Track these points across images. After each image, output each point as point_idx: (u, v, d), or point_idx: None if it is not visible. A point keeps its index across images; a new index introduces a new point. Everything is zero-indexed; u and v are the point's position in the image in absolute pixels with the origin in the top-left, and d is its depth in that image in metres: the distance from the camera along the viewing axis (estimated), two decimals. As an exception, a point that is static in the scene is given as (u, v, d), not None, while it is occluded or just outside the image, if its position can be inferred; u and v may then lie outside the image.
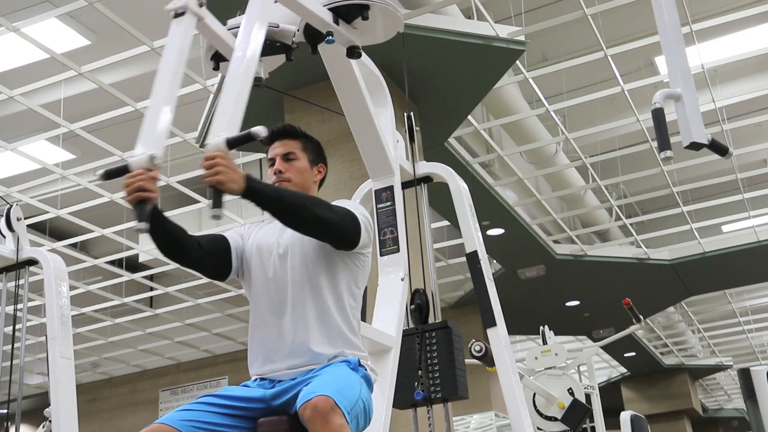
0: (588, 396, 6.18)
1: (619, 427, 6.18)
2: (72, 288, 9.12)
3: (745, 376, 4.48)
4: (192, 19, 2.15)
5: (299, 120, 5.98)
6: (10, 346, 4.05)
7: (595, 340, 12.78)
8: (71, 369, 3.79)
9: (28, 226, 5.69)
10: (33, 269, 4.20)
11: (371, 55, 2.95)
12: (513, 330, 4.43)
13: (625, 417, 6.17)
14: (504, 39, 5.98)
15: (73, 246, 9.61)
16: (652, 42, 6.59)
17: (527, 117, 7.76)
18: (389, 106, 3.24)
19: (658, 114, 2.10)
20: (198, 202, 8.55)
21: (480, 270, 3.36)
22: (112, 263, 9.89)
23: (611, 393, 17.07)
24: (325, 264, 2.21)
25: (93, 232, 8.92)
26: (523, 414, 3.28)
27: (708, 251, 10.67)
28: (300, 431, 1.97)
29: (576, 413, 5.42)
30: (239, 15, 2.43)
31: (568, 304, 12.11)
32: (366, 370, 2.17)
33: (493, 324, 3.32)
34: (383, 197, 3.05)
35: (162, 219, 2.03)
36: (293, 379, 2.10)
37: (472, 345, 3.81)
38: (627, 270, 10.85)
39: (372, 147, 3.00)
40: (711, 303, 14.62)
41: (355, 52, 2.48)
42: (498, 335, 3.31)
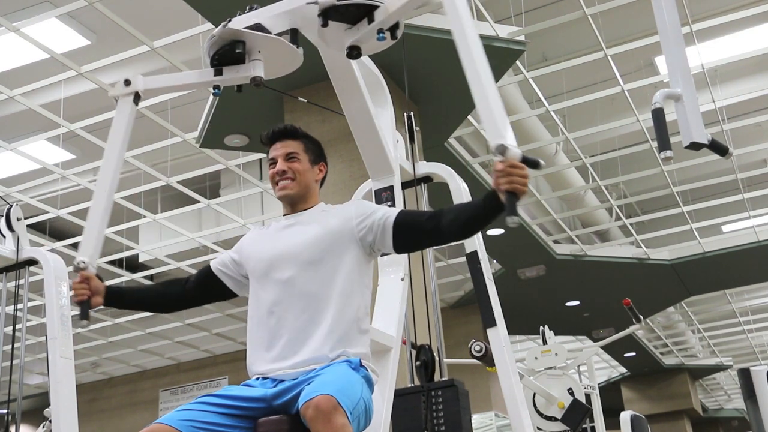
0: (588, 396, 6.17)
1: (619, 427, 6.17)
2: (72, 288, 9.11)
3: (745, 376, 4.48)
4: (128, 102, 2.42)
5: (299, 120, 5.98)
6: (10, 346, 4.05)
7: (595, 340, 12.78)
8: (71, 369, 3.79)
9: (28, 226, 5.69)
10: (33, 269, 4.19)
11: (371, 55, 2.95)
12: (513, 330, 4.43)
13: (625, 417, 6.16)
14: (504, 39, 5.98)
15: (73, 246, 9.61)
16: (652, 42, 6.59)
17: (527, 117, 7.76)
18: (389, 106, 3.24)
19: (658, 114, 2.10)
20: (198, 202, 8.55)
21: (480, 270, 3.35)
22: (112, 263, 9.90)
23: (611, 393, 17.08)
24: (331, 264, 2.21)
25: (93, 232, 8.91)
26: (523, 414, 3.27)
27: (708, 251, 10.67)
28: (300, 431, 1.97)
29: (576, 413, 5.41)
30: (239, 14, 2.43)
31: (568, 304, 12.11)
32: (367, 370, 2.17)
33: (493, 324, 3.31)
34: (383, 197, 3.05)
35: (126, 296, 2.41)
36: (295, 379, 2.10)
37: (472, 345, 3.80)
38: (627, 270, 10.85)
39: (372, 147, 3.00)
40: (711, 303, 14.62)
41: (355, 52, 2.48)
42: (498, 335, 3.31)
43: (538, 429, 5.51)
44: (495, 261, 10.13)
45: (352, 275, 2.24)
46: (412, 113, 3.54)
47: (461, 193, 3.45)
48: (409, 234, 2.22)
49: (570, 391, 5.54)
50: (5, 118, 7.30)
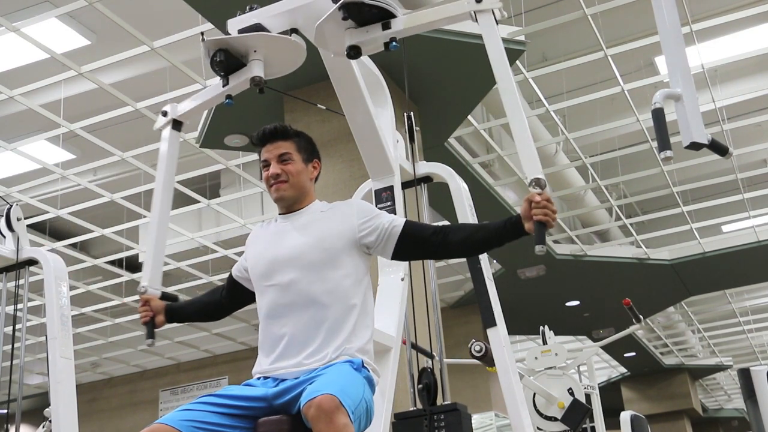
0: (588, 396, 6.17)
1: (619, 427, 6.18)
2: (72, 288, 9.12)
3: (745, 376, 4.48)
4: (169, 130, 2.64)
5: (299, 120, 5.98)
6: (10, 346, 4.05)
7: (595, 340, 12.78)
8: (71, 369, 3.79)
9: (28, 226, 5.69)
10: (33, 269, 4.19)
11: (371, 55, 2.95)
12: (513, 330, 4.43)
13: (625, 417, 6.17)
14: (504, 39, 5.96)
15: (73, 246, 9.61)
16: (652, 42, 6.59)
17: (527, 117, 7.74)
18: (389, 106, 3.24)
19: (658, 114, 2.10)
20: (198, 202, 8.55)
21: (480, 270, 3.35)
22: (112, 263, 9.89)
23: (611, 393, 17.07)
24: (332, 264, 2.21)
25: (93, 232, 8.92)
26: (523, 414, 3.27)
27: (708, 251, 10.67)
28: (301, 431, 1.97)
29: (576, 413, 5.41)
30: (239, 14, 2.43)
31: (568, 304, 12.11)
32: (369, 371, 2.17)
33: (493, 324, 3.31)
34: (383, 197, 3.05)
35: (181, 312, 2.52)
36: (296, 378, 2.09)
37: (472, 345, 3.80)
38: (627, 270, 10.85)
39: (372, 147, 3.00)
40: (711, 303, 14.62)
41: (355, 52, 2.48)
42: (498, 335, 3.31)
43: (538, 429, 5.51)
44: (495, 261, 10.13)
45: (352, 275, 2.24)
46: (412, 113, 3.54)
47: (461, 193, 3.45)
48: (414, 246, 2.26)
49: (570, 391, 5.54)
50: (5, 118, 7.30)
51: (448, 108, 6.64)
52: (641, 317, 5.99)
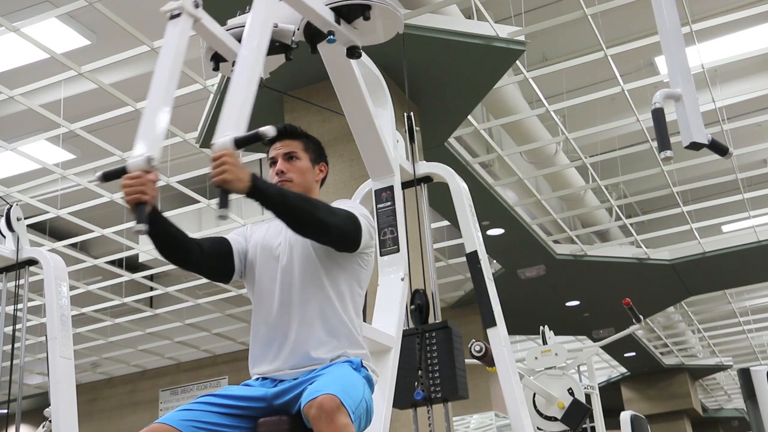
0: (588, 396, 6.18)
1: (619, 427, 6.18)
2: (72, 288, 9.13)
3: (745, 376, 4.49)
4: (188, 21, 2.15)
5: (299, 120, 5.98)
6: (10, 346, 4.05)
7: (595, 340, 12.78)
8: (71, 369, 3.79)
9: (28, 226, 5.69)
10: (33, 269, 4.20)
11: (371, 55, 2.95)
12: (513, 330, 4.43)
13: (625, 417, 6.17)
14: (504, 39, 5.98)
15: (73, 246, 9.61)
16: (652, 42, 6.59)
17: (527, 117, 7.76)
18: (389, 106, 3.24)
19: (658, 114, 2.10)
20: (198, 202, 8.55)
21: (480, 270, 3.35)
22: (112, 263, 9.89)
23: (611, 393, 17.07)
24: (329, 264, 2.21)
25: (93, 232, 8.92)
26: (523, 414, 3.27)
27: (708, 251, 10.67)
28: (301, 431, 1.97)
29: (576, 413, 5.41)
30: (239, 14, 2.43)
31: (568, 304, 12.11)
32: (368, 370, 2.17)
33: (493, 324, 3.32)
34: (383, 197, 3.05)
35: (162, 221, 2.02)
36: (295, 379, 2.10)
37: (472, 345, 3.81)
38: (627, 270, 10.85)
39: (372, 147, 3.00)
40: (711, 303, 14.62)
41: (355, 52, 2.48)
42: (498, 335, 3.31)
43: (538, 429, 5.52)
44: (495, 261, 10.13)
45: (350, 276, 2.24)
46: (412, 113, 3.54)
47: (461, 193, 3.46)
48: None
49: (570, 391, 5.55)
50: (5, 118, 7.30)
51: (448, 108, 6.64)
52: (641, 317, 6.00)
